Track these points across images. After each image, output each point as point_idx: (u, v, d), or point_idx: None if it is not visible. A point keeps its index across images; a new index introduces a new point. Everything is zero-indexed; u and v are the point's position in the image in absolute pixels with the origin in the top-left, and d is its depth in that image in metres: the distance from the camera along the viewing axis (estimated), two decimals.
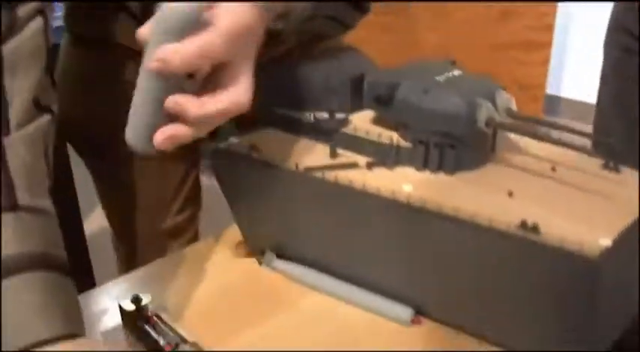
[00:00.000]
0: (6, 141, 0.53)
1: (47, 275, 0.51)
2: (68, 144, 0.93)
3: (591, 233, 0.53)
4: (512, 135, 0.69)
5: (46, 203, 0.55)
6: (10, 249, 0.50)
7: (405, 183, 0.61)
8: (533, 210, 0.56)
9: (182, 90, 0.55)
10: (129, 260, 0.93)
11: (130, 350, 0.60)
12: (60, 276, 0.52)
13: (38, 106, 0.56)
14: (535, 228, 0.54)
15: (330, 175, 0.62)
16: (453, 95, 0.61)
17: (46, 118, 0.57)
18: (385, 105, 0.64)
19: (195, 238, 0.95)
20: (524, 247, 0.55)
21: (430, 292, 0.63)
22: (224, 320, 0.66)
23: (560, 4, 2.54)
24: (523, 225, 0.54)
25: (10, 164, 0.52)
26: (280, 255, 0.72)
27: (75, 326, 0.51)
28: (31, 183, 0.54)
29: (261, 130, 0.72)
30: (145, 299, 0.63)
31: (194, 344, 0.58)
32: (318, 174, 0.63)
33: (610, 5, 1.01)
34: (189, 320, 0.65)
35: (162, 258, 0.79)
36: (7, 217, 0.51)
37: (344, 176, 0.62)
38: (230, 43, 0.54)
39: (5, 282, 0.49)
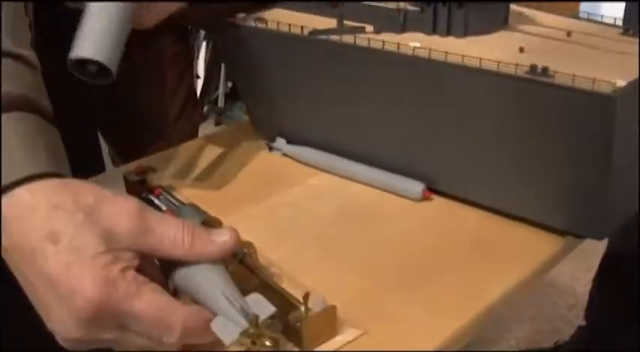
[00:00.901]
0: None
1: (27, 115, 0.49)
2: None
3: (605, 75, 0.50)
4: (528, 12, 0.66)
5: (30, 54, 0.53)
6: None
7: (413, 41, 0.58)
8: (545, 61, 0.52)
9: None
10: None
11: None
12: (42, 120, 0.50)
13: None
14: (545, 71, 0.51)
15: (336, 37, 0.60)
16: None
17: None
18: None
19: None
20: (533, 91, 0.52)
21: (439, 158, 0.61)
22: (230, 197, 0.65)
23: (582, 3, 2.44)
24: (532, 68, 0.52)
25: None
26: (290, 141, 0.71)
27: (62, 166, 0.49)
28: (14, 30, 0.52)
29: (266, 6, 0.70)
30: (151, 174, 0.62)
31: (194, 205, 0.57)
32: (323, 37, 0.60)
33: None
34: (195, 197, 0.64)
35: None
36: None
37: (350, 37, 0.60)
38: None
39: None
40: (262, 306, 0.44)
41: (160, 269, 0.49)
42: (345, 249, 0.57)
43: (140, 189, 0.60)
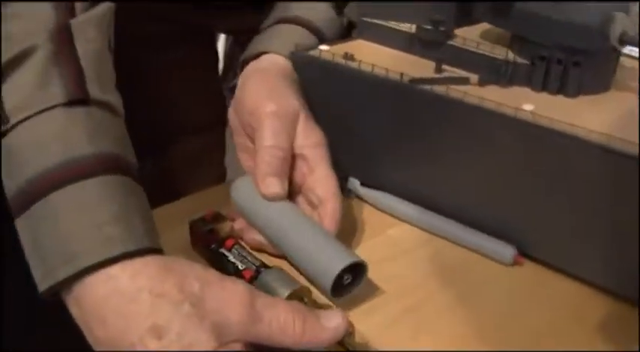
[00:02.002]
0: (74, 22, 0.46)
1: (124, 179, 0.45)
2: None
3: None
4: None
5: (116, 99, 0.48)
6: (79, 149, 0.43)
7: (525, 102, 0.54)
8: None
9: None
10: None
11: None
12: (134, 183, 0.46)
13: None
14: None
15: (441, 88, 0.55)
16: (585, 4, 0.54)
17: (108, 4, 0.50)
18: (502, 13, 0.57)
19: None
20: None
21: (532, 222, 0.56)
22: None
23: None
24: None
25: (79, 49, 0.46)
26: (363, 183, 0.66)
27: (157, 239, 0.45)
28: (100, 73, 0.47)
29: (353, 41, 0.65)
30: (219, 221, 0.57)
31: (278, 268, 0.52)
32: (427, 87, 0.55)
33: None
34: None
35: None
36: (78, 112, 0.44)
37: (457, 89, 0.55)
38: None
39: (68, 190, 0.42)
40: None
41: None
42: (439, 321, 0.53)
43: (209, 239, 0.55)
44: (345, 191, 0.66)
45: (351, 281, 0.52)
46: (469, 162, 0.57)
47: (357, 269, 0.52)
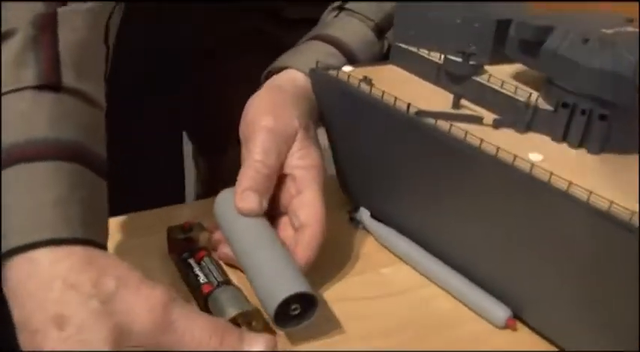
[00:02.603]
0: (61, 10, 0.46)
1: (70, 167, 0.43)
2: None
3: None
4: None
5: (96, 90, 0.48)
6: (38, 132, 0.43)
7: (534, 151, 0.48)
8: None
9: None
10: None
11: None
12: (88, 172, 0.45)
13: None
14: None
15: (444, 124, 0.51)
16: (620, 51, 0.48)
17: (112, 3, 0.50)
18: (530, 52, 0.52)
19: None
20: None
21: (533, 289, 0.50)
22: None
23: None
24: None
25: (60, 36, 0.45)
26: (373, 215, 0.62)
27: (96, 232, 0.43)
28: (82, 62, 0.46)
29: (380, 65, 0.62)
30: (197, 231, 0.56)
31: (235, 288, 0.50)
32: (430, 121, 0.51)
33: None
34: None
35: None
36: (45, 97, 0.44)
37: (460, 128, 0.50)
38: None
39: (19, 168, 0.42)
40: None
41: None
42: None
43: (183, 248, 0.54)
44: (353, 221, 0.63)
45: (302, 314, 0.48)
46: (467, 209, 0.52)
47: (310, 302, 0.48)
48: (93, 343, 0.38)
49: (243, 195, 0.53)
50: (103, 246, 0.43)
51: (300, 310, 0.48)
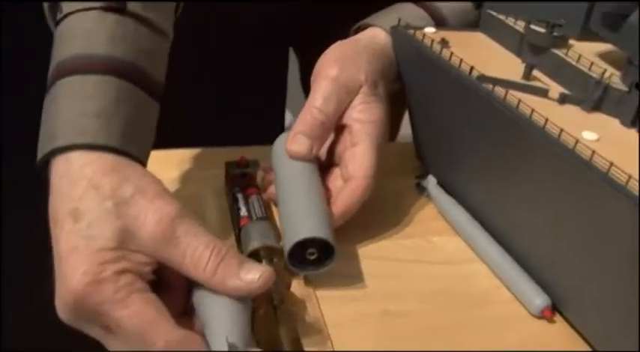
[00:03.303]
0: None
1: (129, 86, 0.46)
2: None
3: None
4: None
5: (162, 20, 0.50)
6: (96, 48, 0.46)
7: (591, 130, 0.45)
8: None
9: None
10: None
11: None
12: (140, 92, 0.47)
13: None
14: None
15: (500, 91, 0.48)
16: None
17: None
18: (613, 26, 0.48)
19: None
20: None
21: (572, 280, 0.47)
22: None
23: None
24: None
25: None
26: (441, 184, 0.60)
27: (134, 146, 0.46)
28: None
29: (467, 31, 0.59)
30: (252, 167, 0.57)
31: (266, 222, 0.51)
32: (488, 86, 0.49)
33: None
34: None
35: None
36: (109, 17, 0.47)
37: (517, 97, 0.47)
38: None
39: (73, 79, 0.45)
40: None
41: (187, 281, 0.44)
42: (410, 339, 0.47)
43: (237, 182, 0.56)
44: (419, 187, 0.62)
45: (321, 262, 0.49)
46: (519, 185, 0.49)
47: (329, 252, 0.48)
48: (97, 239, 0.40)
49: (295, 138, 0.54)
50: (137, 159, 0.46)
51: (317, 256, 0.48)
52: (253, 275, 0.42)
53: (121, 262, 0.41)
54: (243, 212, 0.53)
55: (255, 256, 0.48)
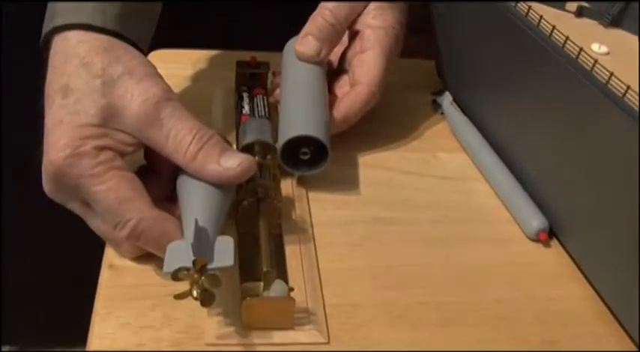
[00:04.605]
0: None
1: None
2: None
3: None
4: None
5: None
6: None
7: (600, 43, 0.42)
8: None
9: None
10: None
11: None
12: None
13: None
14: None
15: (523, 7, 0.46)
16: None
17: None
18: None
19: None
20: None
21: (567, 201, 0.45)
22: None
23: None
24: None
25: None
26: (457, 102, 0.59)
27: (132, 30, 0.46)
28: None
29: None
30: (263, 68, 0.57)
31: (266, 120, 0.51)
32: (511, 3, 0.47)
33: None
34: None
35: None
36: None
37: (527, 5, 0.45)
38: None
39: None
40: (222, 254, 0.39)
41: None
42: (396, 250, 0.46)
43: (246, 81, 0.55)
44: (435, 104, 0.60)
45: (313, 163, 0.48)
46: (530, 101, 0.47)
47: (324, 154, 0.48)
48: (81, 115, 0.41)
49: (304, 40, 0.53)
50: (132, 43, 0.46)
51: (311, 157, 0.48)
52: (232, 163, 0.42)
53: (102, 139, 0.41)
54: (246, 110, 0.53)
55: (250, 151, 0.48)
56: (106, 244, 0.44)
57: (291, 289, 0.39)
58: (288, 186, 0.49)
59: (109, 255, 0.43)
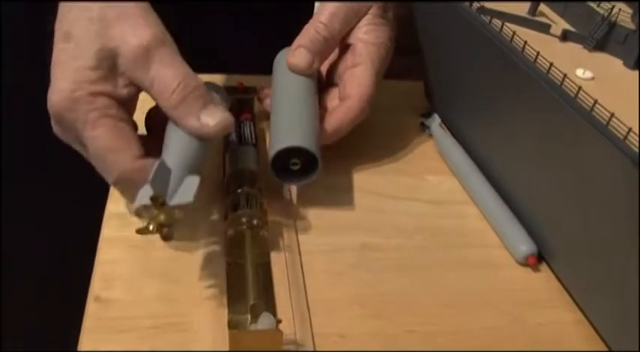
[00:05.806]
0: None
1: None
2: None
3: None
4: None
5: None
6: None
7: (584, 68, 0.42)
8: None
9: None
10: None
11: None
12: None
13: None
14: None
15: (497, 23, 0.46)
16: None
17: None
18: None
19: None
20: None
21: (552, 225, 0.45)
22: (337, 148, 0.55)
23: None
24: None
25: None
26: (444, 121, 0.59)
27: None
28: None
29: None
30: (250, 93, 0.57)
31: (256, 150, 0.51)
32: (486, 18, 0.47)
33: None
34: None
35: None
36: None
37: (512, 29, 0.45)
38: None
39: None
40: (184, 192, 0.40)
41: None
42: (383, 273, 0.46)
43: (233, 108, 0.55)
44: (423, 126, 0.60)
45: (305, 174, 0.49)
46: (510, 123, 0.47)
47: (314, 166, 0.48)
48: (78, 58, 0.43)
49: (296, 52, 0.53)
50: None
51: (301, 167, 0.48)
52: (210, 120, 0.43)
53: (98, 84, 0.43)
54: (233, 137, 0.52)
55: (237, 179, 0.48)
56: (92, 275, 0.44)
57: (279, 321, 0.39)
58: (275, 214, 0.49)
59: (95, 287, 0.43)
